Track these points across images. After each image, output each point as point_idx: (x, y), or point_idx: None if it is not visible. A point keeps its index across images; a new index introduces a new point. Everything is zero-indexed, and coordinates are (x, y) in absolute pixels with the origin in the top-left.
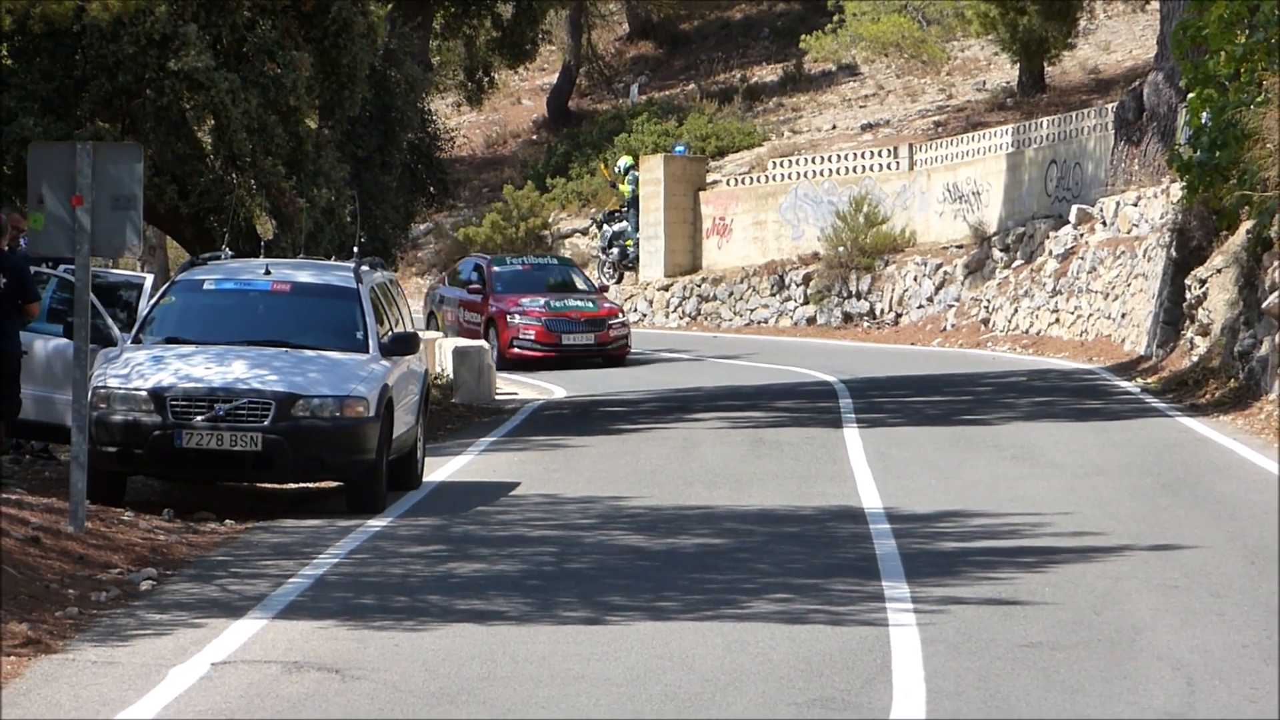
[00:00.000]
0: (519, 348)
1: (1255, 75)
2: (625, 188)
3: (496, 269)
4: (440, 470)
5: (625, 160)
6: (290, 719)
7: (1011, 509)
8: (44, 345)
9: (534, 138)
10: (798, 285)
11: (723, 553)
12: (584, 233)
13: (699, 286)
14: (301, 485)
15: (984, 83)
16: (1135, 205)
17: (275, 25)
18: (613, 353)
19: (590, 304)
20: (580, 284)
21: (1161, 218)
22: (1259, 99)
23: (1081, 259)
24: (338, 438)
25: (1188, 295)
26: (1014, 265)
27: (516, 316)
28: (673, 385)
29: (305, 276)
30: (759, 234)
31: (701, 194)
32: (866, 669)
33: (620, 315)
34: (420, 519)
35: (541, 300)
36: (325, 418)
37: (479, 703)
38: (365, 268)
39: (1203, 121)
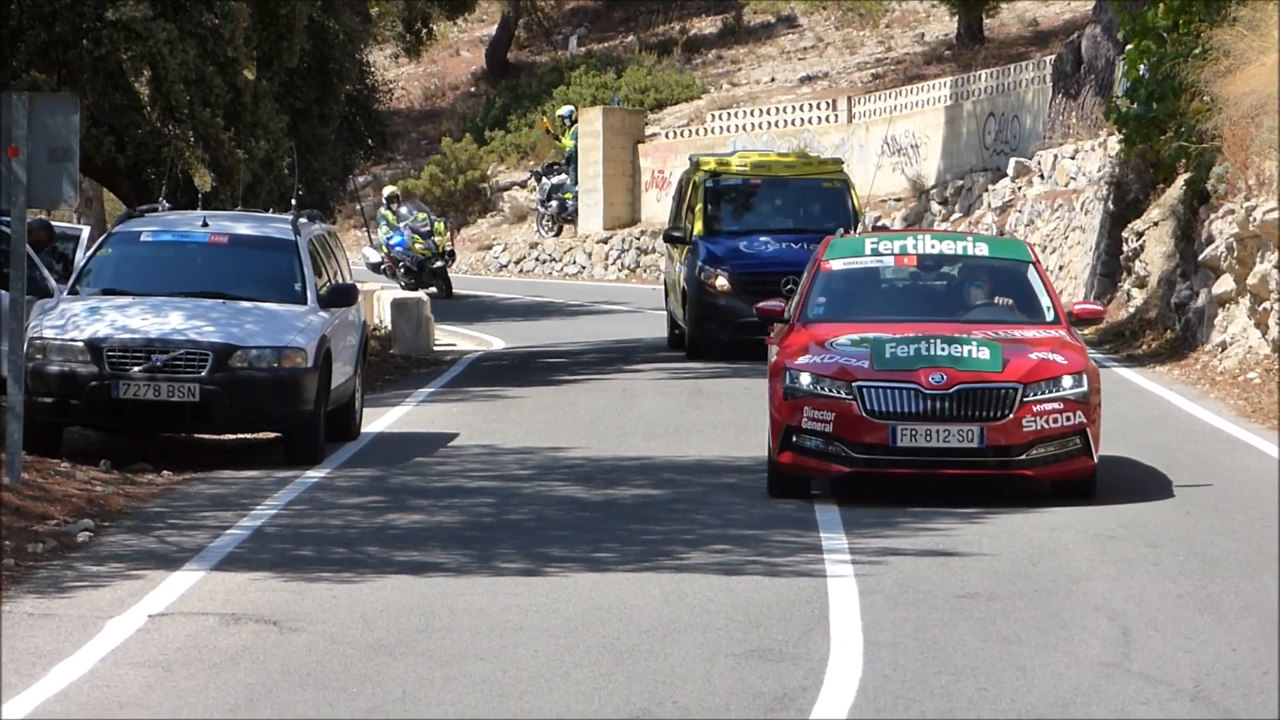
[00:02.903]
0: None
1: (1193, 27)
2: (567, 141)
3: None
4: (378, 421)
5: (567, 108)
6: (228, 671)
7: None
8: None
9: (472, 90)
10: None
11: (661, 504)
12: (523, 185)
13: (638, 239)
14: (239, 436)
15: (922, 35)
16: (1073, 158)
17: None
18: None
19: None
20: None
21: (1099, 171)
22: (1196, 51)
23: (1019, 212)
24: (275, 388)
25: (1125, 248)
26: (952, 218)
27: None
28: (612, 337)
29: (243, 229)
30: None
31: (640, 147)
32: (804, 620)
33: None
34: (358, 470)
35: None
36: (263, 368)
37: (417, 654)
38: (303, 220)
39: (1140, 74)
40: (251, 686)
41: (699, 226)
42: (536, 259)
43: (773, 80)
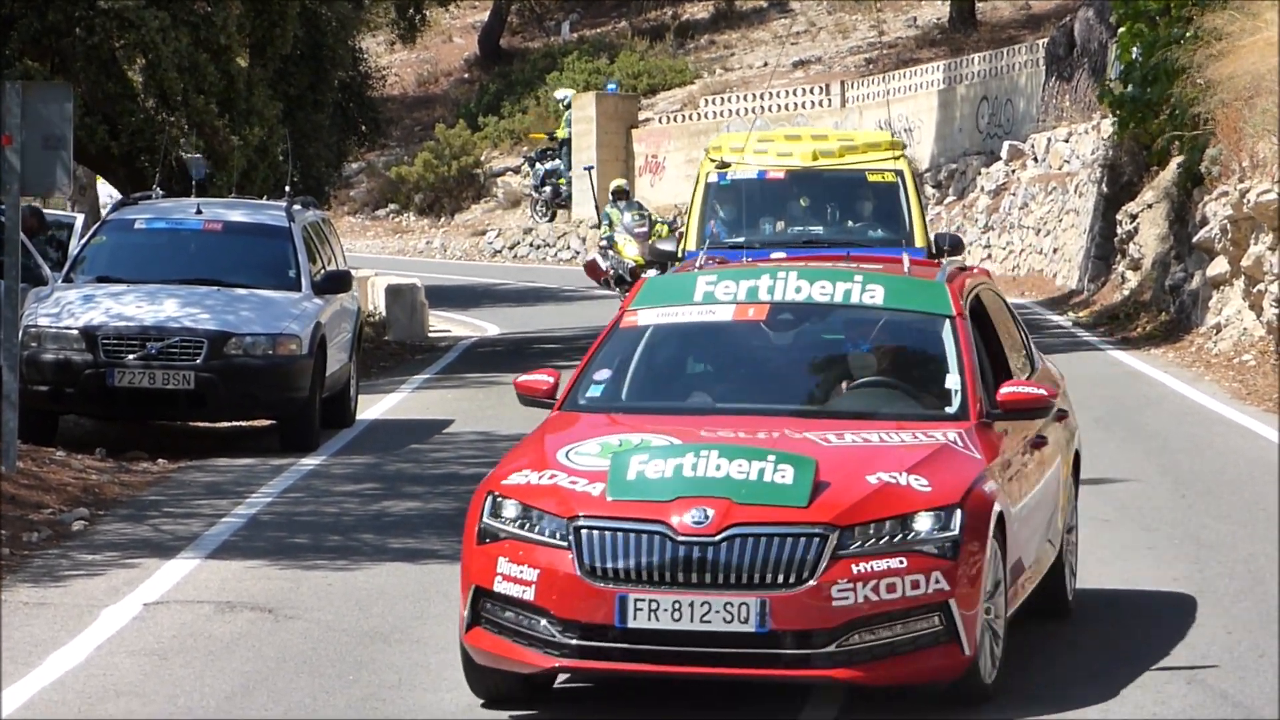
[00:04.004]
0: None
1: (1186, 11)
2: (562, 130)
3: (642, 317)
4: (373, 408)
5: (564, 92)
6: (223, 658)
7: None
8: None
9: (466, 76)
10: None
11: None
12: (516, 171)
13: (595, 228)
14: (234, 424)
15: (915, 19)
16: (1066, 141)
17: None
18: None
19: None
20: None
21: (1093, 153)
22: (1189, 34)
23: (1013, 195)
24: (271, 376)
25: (1119, 230)
26: (946, 202)
27: None
28: (606, 323)
29: (237, 216)
30: (692, 172)
31: (634, 132)
32: None
33: None
34: (353, 457)
35: None
36: (258, 356)
37: (412, 641)
38: (298, 206)
39: (1133, 57)
40: (247, 674)
41: (689, 239)
42: (530, 244)
43: (766, 65)
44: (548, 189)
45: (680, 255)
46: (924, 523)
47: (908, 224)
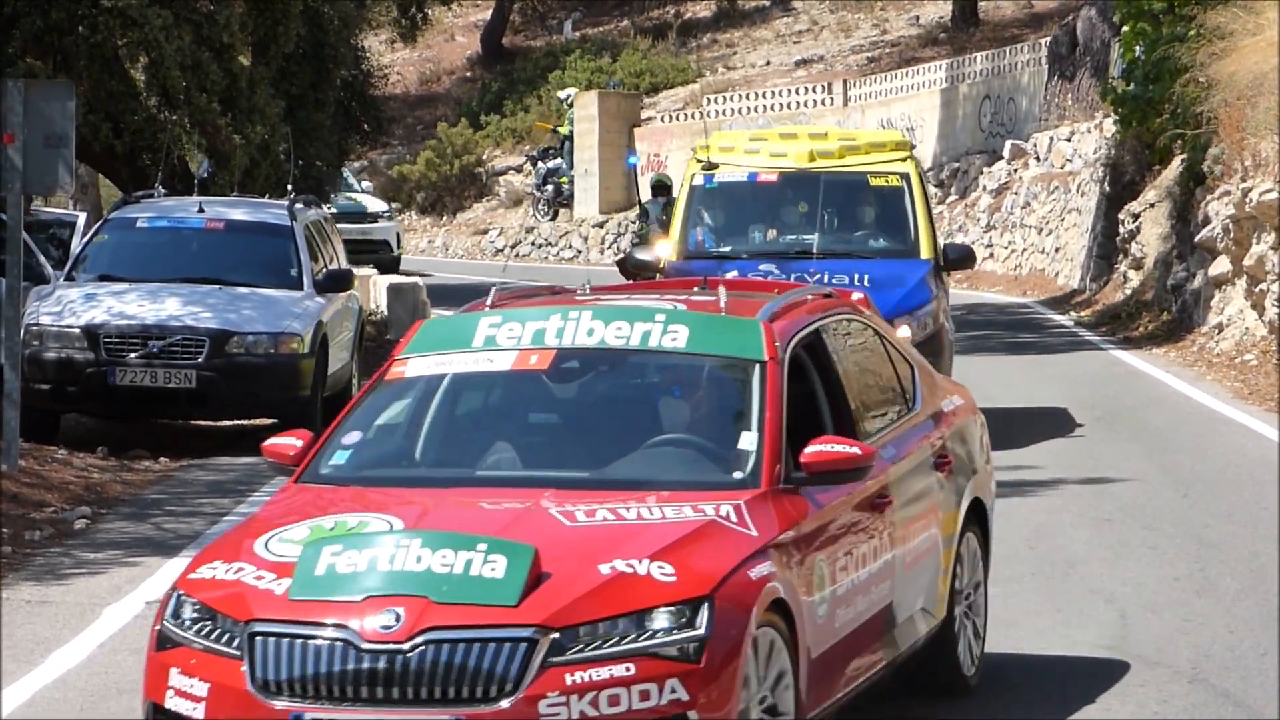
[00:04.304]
0: None
1: (1189, 9)
2: (565, 128)
3: (413, 368)
4: None
5: (567, 91)
6: None
7: None
8: None
9: (468, 75)
10: None
11: None
12: (518, 170)
13: (633, 224)
14: (236, 422)
15: (917, 17)
16: (1069, 140)
17: None
18: None
19: (503, 561)
20: None
21: (1095, 152)
22: (1192, 33)
23: (1015, 194)
24: (272, 374)
25: (1121, 229)
26: (948, 201)
27: None
28: None
29: (239, 214)
30: None
31: (636, 130)
32: None
33: None
34: None
35: None
36: (260, 354)
37: None
38: (299, 205)
39: (1136, 56)
40: None
41: (673, 249)
42: (532, 243)
43: (768, 64)
44: (549, 188)
45: (661, 267)
46: (661, 620)
47: (913, 232)
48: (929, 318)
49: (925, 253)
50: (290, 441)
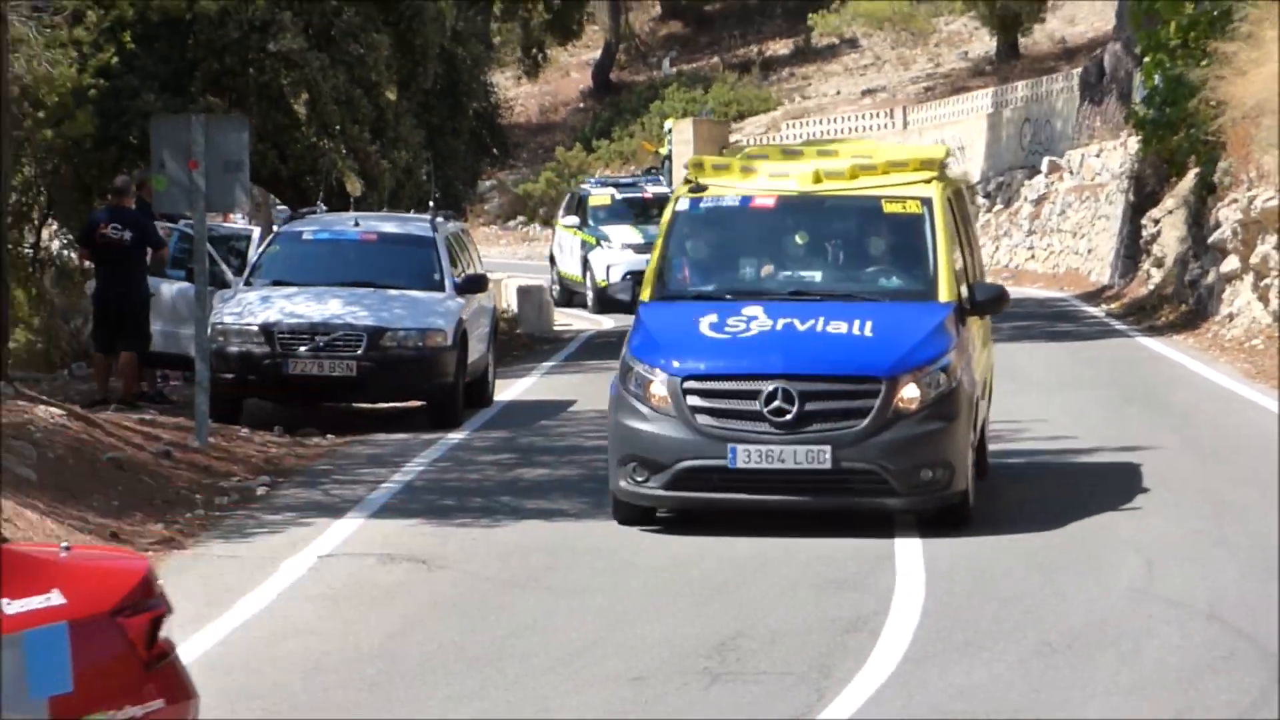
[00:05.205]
0: None
1: (1200, 43)
2: (664, 149)
3: None
4: (508, 390)
5: (670, 122)
6: (385, 602)
7: (998, 419)
8: (170, 288)
9: (581, 105)
10: None
11: None
12: None
13: None
14: (390, 405)
15: (966, 52)
16: (1098, 156)
17: (358, 11)
18: None
19: None
20: None
21: (1120, 167)
22: (1204, 63)
23: (1052, 204)
24: (420, 364)
25: (1144, 233)
26: (995, 210)
27: None
28: None
29: (389, 227)
30: None
31: (725, 152)
32: (874, 555)
33: None
34: (492, 432)
35: None
36: (410, 347)
37: (544, 588)
38: (440, 219)
39: (1155, 83)
40: (405, 616)
41: (647, 285)
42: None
43: (838, 93)
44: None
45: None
46: None
47: (932, 270)
48: (941, 373)
49: (945, 295)
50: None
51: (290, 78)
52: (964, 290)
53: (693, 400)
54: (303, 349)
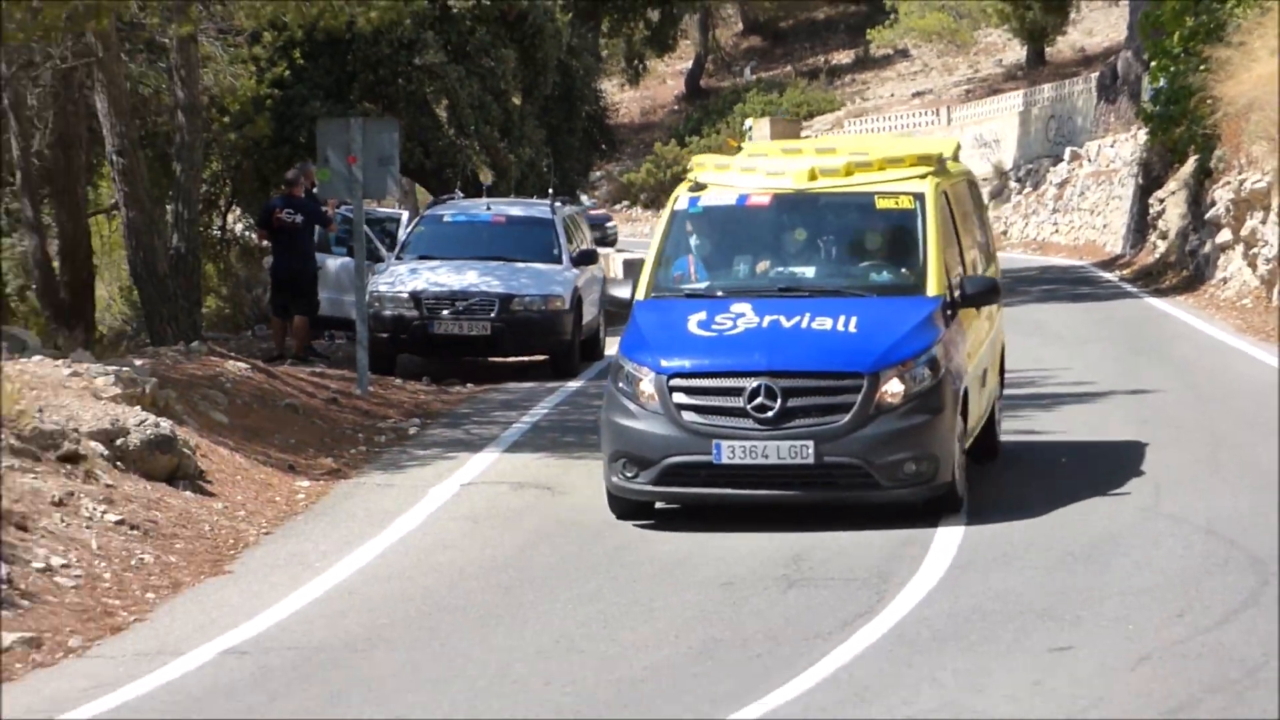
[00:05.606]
0: None
1: (1199, 50)
2: (746, 144)
3: None
4: (616, 346)
5: (750, 120)
6: (516, 521)
7: (1029, 367)
8: (334, 263)
9: (675, 108)
10: None
11: None
12: None
13: None
14: (519, 359)
15: (1000, 60)
16: (1112, 147)
17: (489, 30)
18: None
19: None
20: None
21: (1131, 155)
22: (1202, 68)
23: (1073, 186)
24: (543, 325)
25: (1151, 211)
26: (1024, 192)
27: None
28: None
29: (516, 211)
30: None
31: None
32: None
33: None
34: (603, 381)
35: None
36: (534, 310)
37: (653, 513)
38: (558, 204)
39: (1161, 84)
40: (533, 532)
41: (643, 283)
42: None
43: (892, 95)
44: None
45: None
46: None
47: (921, 264)
48: (926, 368)
49: (934, 289)
50: None
51: (433, 87)
52: (955, 282)
53: (679, 398)
54: (445, 312)
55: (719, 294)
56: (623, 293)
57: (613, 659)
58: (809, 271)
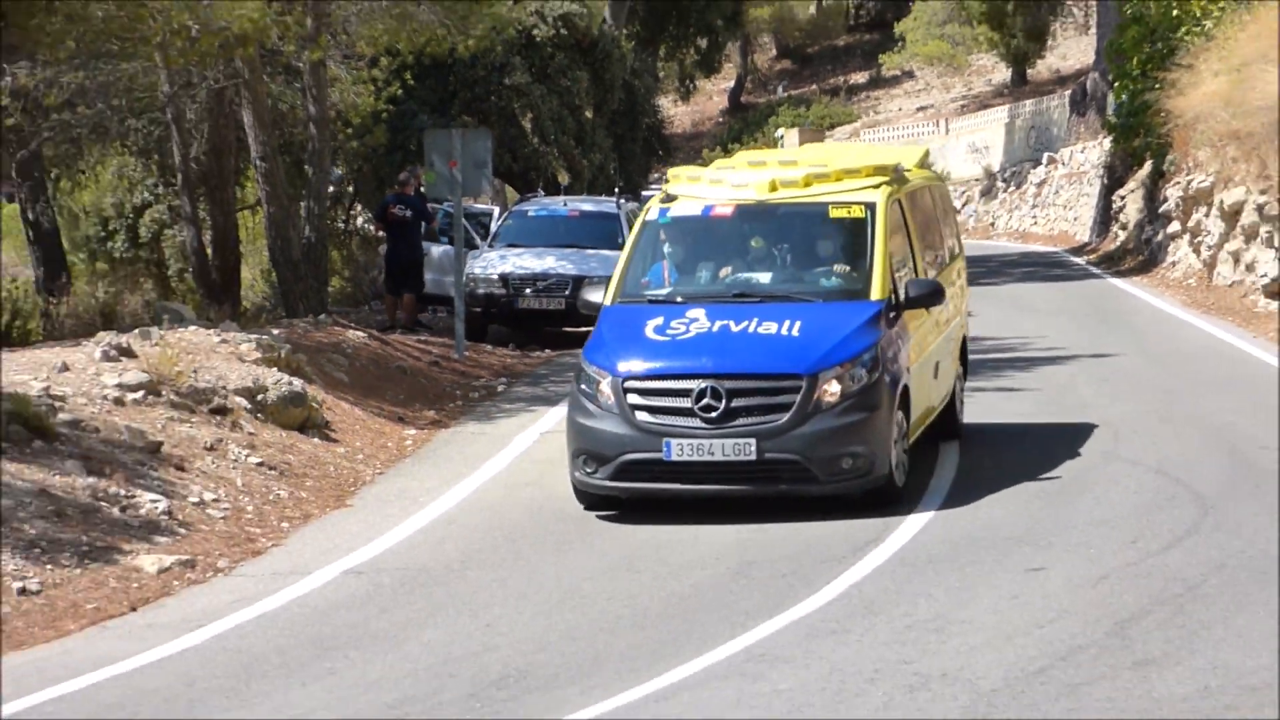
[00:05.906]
0: None
1: (1155, 73)
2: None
3: None
4: None
5: (782, 130)
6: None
7: (1010, 335)
8: (437, 250)
9: (720, 120)
10: None
11: None
12: None
13: None
14: (588, 329)
15: (990, 79)
16: (1082, 152)
17: (566, 56)
18: None
19: None
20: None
21: (1098, 159)
22: (1157, 86)
23: (1050, 185)
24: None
25: (1114, 206)
26: (1009, 190)
27: None
28: None
29: (587, 206)
30: None
31: None
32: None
33: None
34: None
35: None
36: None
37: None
38: (622, 201)
39: (1123, 100)
40: None
41: (611, 290)
42: None
43: (900, 109)
44: None
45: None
46: None
47: (868, 270)
48: (863, 369)
49: (878, 293)
50: None
51: (519, 103)
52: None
53: (632, 399)
54: (528, 291)
55: (679, 300)
56: (595, 298)
57: (664, 577)
58: (764, 278)
